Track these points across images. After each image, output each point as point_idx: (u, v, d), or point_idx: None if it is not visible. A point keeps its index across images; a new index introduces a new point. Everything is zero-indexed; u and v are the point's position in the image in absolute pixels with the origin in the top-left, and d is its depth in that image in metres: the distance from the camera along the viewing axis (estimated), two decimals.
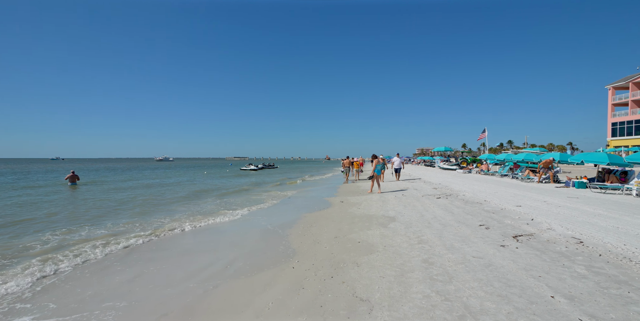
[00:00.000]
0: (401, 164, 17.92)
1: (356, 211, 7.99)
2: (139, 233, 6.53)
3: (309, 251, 4.73)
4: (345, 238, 5.33)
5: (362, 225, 6.29)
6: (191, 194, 14.52)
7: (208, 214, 8.78)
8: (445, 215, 6.88)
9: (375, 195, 11.06)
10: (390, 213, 7.51)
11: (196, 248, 5.43)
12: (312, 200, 11.00)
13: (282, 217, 7.93)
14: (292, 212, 8.65)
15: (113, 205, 10.85)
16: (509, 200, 8.73)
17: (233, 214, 8.69)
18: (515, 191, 10.94)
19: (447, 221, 6.22)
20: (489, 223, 5.94)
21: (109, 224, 7.61)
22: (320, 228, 6.24)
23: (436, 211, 7.39)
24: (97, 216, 8.80)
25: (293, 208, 9.46)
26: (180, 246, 5.58)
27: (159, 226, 7.28)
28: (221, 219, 8.03)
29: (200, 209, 9.80)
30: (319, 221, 7.06)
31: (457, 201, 8.91)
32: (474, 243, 4.66)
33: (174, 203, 11.36)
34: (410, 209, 7.92)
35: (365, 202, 9.60)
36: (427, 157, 46.43)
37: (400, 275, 3.51)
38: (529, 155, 18.65)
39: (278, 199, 11.62)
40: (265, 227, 6.68)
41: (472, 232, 5.31)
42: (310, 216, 7.73)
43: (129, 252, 5.26)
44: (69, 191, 15.95)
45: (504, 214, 6.79)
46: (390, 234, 5.43)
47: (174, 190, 16.36)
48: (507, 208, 7.51)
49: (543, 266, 3.61)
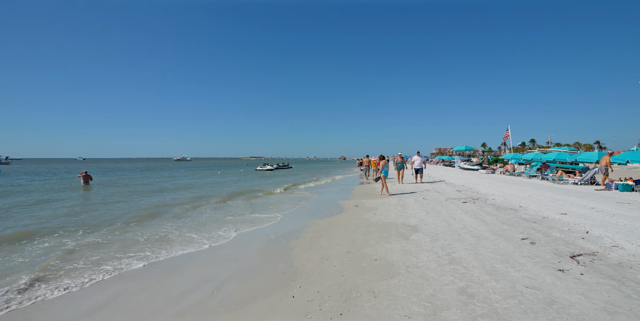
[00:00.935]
0: (422, 163, 15.18)
1: (372, 218, 7.12)
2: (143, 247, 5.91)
3: (314, 271, 3.92)
4: (359, 254, 4.48)
5: (380, 236, 5.42)
6: (195, 198, 14.02)
7: (207, 222, 8.12)
8: (476, 224, 5.90)
9: (393, 198, 10.12)
10: (412, 220, 6.59)
11: (186, 262, 4.72)
12: (324, 204, 10.18)
13: (289, 224, 7.15)
14: (302, 218, 7.86)
15: (116, 213, 10.42)
16: (549, 206, 7.61)
17: (235, 221, 8.00)
18: (551, 195, 9.74)
19: (481, 233, 5.26)
20: (533, 236, 4.94)
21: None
22: (331, 239, 5.42)
23: (465, 219, 6.42)
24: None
25: (303, 212, 8.68)
26: (171, 260, 4.89)
27: (154, 234, 6.66)
28: (222, 227, 7.34)
29: (197, 217, 9.17)
30: (330, 229, 6.24)
31: (487, 207, 7.87)
32: (521, 264, 3.71)
33: (175, 206, 10.84)
34: (434, 216, 6.97)
35: (382, 207, 8.69)
36: (446, 157, 44.67)
37: (432, 314, 2.65)
38: (560, 154, 17.13)
39: (287, 203, 10.88)
40: (268, 237, 5.92)
41: (515, 248, 4.34)
42: (320, 223, 6.92)
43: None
44: (80, 192, 15.83)
45: (548, 224, 5.75)
46: (413, 249, 4.54)
47: (177, 196, 15.93)
48: (549, 216, 6.43)
49: (632, 306, 2.65)
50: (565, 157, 16.47)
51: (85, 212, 9.39)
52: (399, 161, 14.57)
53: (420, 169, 15.05)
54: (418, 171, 15.09)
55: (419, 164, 15.13)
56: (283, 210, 9.21)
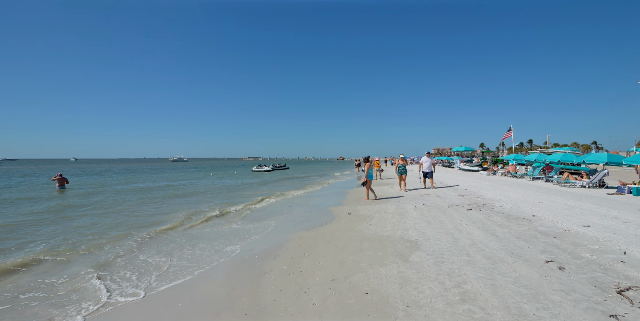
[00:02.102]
0: (432, 166, 12.79)
1: (366, 230, 6.23)
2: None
3: (286, 311, 3.02)
4: (346, 283, 3.59)
5: (373, 256, 4.53)
6: (169, 199, 13.08)
7: (166, 231, 7.21)
8: (487, 240, 5.02)
9: (390, 204, 9.23)
10: (411, 233, 5.71)
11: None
12: (314, 210, 9.27)
13: (271, 237, 6.25)
14: (287, 229, 6.96)
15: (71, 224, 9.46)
16: (565, 215, 6.74)
17: (202, 232, 7.09)
18: (563, 201, 8.88)
19: (495, 252, 4.38)
20: (560, 258, 4.07)
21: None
22: (315, 260, 4.53)
23: (473, 232, 5.54)
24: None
25: (289, 222, 7.77)
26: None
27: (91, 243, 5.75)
28: (184, 239, 6.43)
29: (158, 221, 8.25)
30: (317, 245, 5.34)
31: (495, 215, 7.00)
32: (556, 304, 2.84)
33: (141, 214, 9.91)
34: (437, 227, 6.09)
35: (378, 215, 7.81)
36: (445, 158, 43.91)
37: None
38: (566, 155, 16.32)
39: (273, 208, 9.97)
40: (241, 256, 5.00)
41: (542, 276, 3.47)
42: (307, 237, 6.01)
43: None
44: (46, 199, 14.87)
45: (572, 240, 4.88)
46: (413, 276, 3.66)
47: (150, 197, 14.99)
48: (570, 228, 5.57)
49: None
50: (572, 159, 15.66)
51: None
52: (401, 164, 12.52)
53: (430, 173, 12.77)
54: (427, 175, 12.86)
55: (429, 166, 12.79)
56: (266, 218, 8.31)
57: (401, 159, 12.72)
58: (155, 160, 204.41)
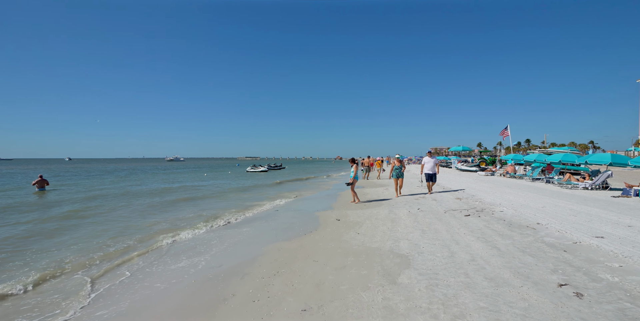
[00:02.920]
0: (436, 167, 11.13)
1: (353, 240, 5.58)
2: None
3: None
4: (319, 315, 2.94)
5: (357, 275, 3.88)
6: (158, 202, 12.39)
7: (134, 247, 6.53)
8: (488, 254, 4.39)
9: (382, 209, 8.60)
10: (403, 245, 5.06)
11: None
12: (300, 216, 8.59)
13: (243, 248, 5.57)
14: (265, 237, 6.30)
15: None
16: (573, 222, 6.13)
17: (170, 242, 6.41)
18: (568, 205, 8.28)
19: (498, 272, 3.74)
20: (575, 279, 3.44)
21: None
22: (289, 280, 3.87)
23: (472, 244, 4.90)
24: None
25: (270, 229, 7.10)
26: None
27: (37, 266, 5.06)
28: (147, 251, 5.76)
29: (129, 229, 7.57)
30: (295, 260, 4.69)
31: (496, 223, 6.37)
32: None
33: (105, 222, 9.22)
34: (432, 237, 5.45)
35: (368, 221, 7.17)
36: (443, 157, 43.42)
37: None
38: (567, 156, 15.73)
39: (256, 212, 9.30)
40: (204, 274, 4.33)
41: (557, 308, 2.83)
42: (285, 249, 5.36)
43: None
44: (18, 203, 14.13)
45: (587, 255, 4.25)
46: (401, 306, 3.01)
47: (123, 205, 14.27)
48: (581, 240, 4.94)
49: None
50: (574, 159, 15.08)
51: None
52: (397, 166, 10.79)
53: (434, 176, 11.11)
54: (430, 178, 11.13)
55: (432, 167, 11.05)
56: (245, 224, 7.63)
57: (396, 160, 10.93)
58: (151, 160, 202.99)
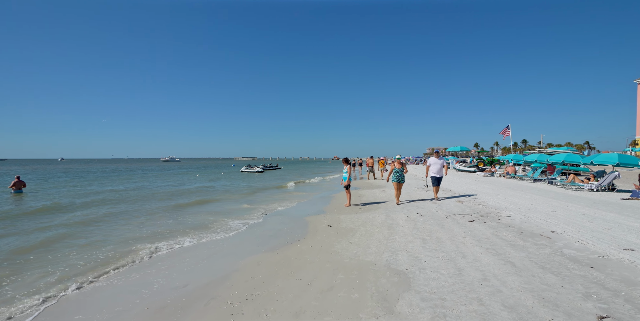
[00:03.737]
0: (444, 169, 9.55)
1: (345, 252, 4.89)
2: None
3: None
4: None
5: (346, 300, 3.19)
6: (134, 209, 11.62)
7: (108, 261, 5.79)
8: (502, 271, 3.71)
9: (379, 213, 7.92)
10: (401, 258, 4.38)
11: None
12: (288, 221, 7.88)
13: (217, 262, 4.85)
14: (245, 247, 5.59)
15: None
16: (592, 231, 5.48)
17: (138, 257, 5.68)
18: (579, 209, 7.65)
19: (518, 296, 3.06)
20: (616, 309, 2.76)
21: None
22: (263, 307, 3.16)
23: (481, 258, 4.22)
24: None
25: (252, 237, 6.38)
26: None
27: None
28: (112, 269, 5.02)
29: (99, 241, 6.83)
30: (274, 278, 3.98)
31: (504, 230, 5.71)
32: None
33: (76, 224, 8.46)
34: (434, 248, 4.77)
35: (362, 228, 6.48)
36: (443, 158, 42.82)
37: None
38: (571, 156, 15.16)
39: (244, 218, 8.57)
40: (163, 296, 3.59)
41: None
42: (266, 262, 4.65)
43: None
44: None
45: (620, 272, 3.58)
46: None
47: (99, 216, 13.45)
48: (608, 253, 4.28)
49: None
50: (577, 159, 14.50)
51: None
52: (397, 169, 9.07)
53: (440, 179, 9.54)
54: (436, 182, 9.52)
55: (439, 170, 9.48)
56: (225, 230, 6.91)
57: (397, 162, 9.19)
58: (147, 160, 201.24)
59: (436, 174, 9.55)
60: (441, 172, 9.53)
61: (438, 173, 9.54)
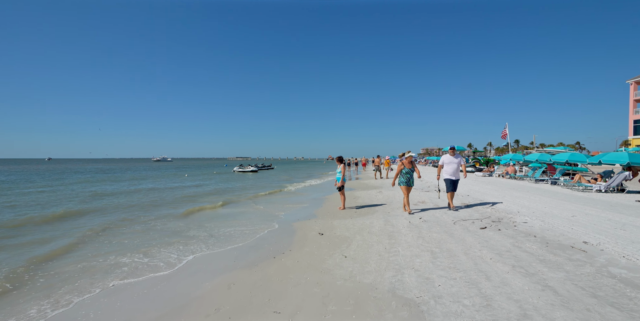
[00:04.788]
0: (460, 170, 7.62)
1: (338, 269, 3.97)
2: None
3: None
4: None
5: None
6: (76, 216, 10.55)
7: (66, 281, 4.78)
8: (543, 302, 2.83)
9: (377, 219, 7.02)
10: (408, 280, 3.47)
11: None
12: (272, 227, 6.95)
13: (180, 283, 3.88)
14: (219, 261, 4.63)
15: None
16: (633, 241, 4.65)
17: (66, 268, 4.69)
18: (599, 212, 6.87)
19: None
20: None
21: None
22: None
23: (509, 280, 3.34)
24: None
25: (230, 247, 5.43)
26: None
27: None
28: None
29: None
30: (247, 309, 3.05)
31: (526, 240, 4.85)
32: None
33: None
34: (447, 264, 3.88)
35: (359, 236, 5.57)
36: (436, 158, 42.32)
37: None
38: (575, 155, 14.50)
39: (221, 221, 7.60)
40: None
41: None
42: (239, 284, 3.70)
43: None
44: None
45: None
46: None
47: (39, 218, 12.33)
48: None
49: None
50: (583, 159, 13.83)
51: None
52: (406, 169, 7.42)
53: (456, 182, 7.59)
54: (452, 186, 7.55)
55: (455, 171, 7.54)
56: (201, 239, 5.94)
57: (406, 161, 7.44)
58: (139, 160, 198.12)
59: (451, 176, 7.54)
60: (458, 173, 7.59)
61: (453, 175, 7.55)
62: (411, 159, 7.41)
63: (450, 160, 7.59)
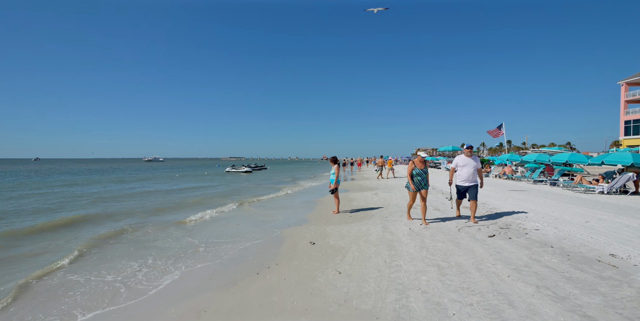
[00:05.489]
0: (478, 174, 6.22)
1: (331, 291, 3.35)
2: None
3: None
4: None
5: None
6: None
7: None
8: None
9: (374, 225, 6.43)
10: (415, 307, 2.87)
11: None
12: (260, 234, 6.25)
13: (139, 308, 3.24)
14: (191, 279, 3.97)
15: None
16: None
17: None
18: (615, 218, 6.38)
19: None
20: None
21: None
22: None
23: (541, 309, 2.75)
24: None
25: (208, 260, 4.78)
26: None
27: None
28: None
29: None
30: None
31: (544, 252, 4.30)
32: None
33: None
34: (458, 283, 3.30)
35: (355, 246, 4.97)
36: (430, 158, 42.00)
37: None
38: (575, 155, 14.10)
39: (203, 228, 6.93)
40: None
41: None
42: (210, 312, 3.06)
43: None
44: None
45: None
46: None
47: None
48: None
49: None
50: (583, 159, 13.44)
51: None
52: (418, 170, 6.15)
53: (474, 189, 6.16)
54: (467, 193, 6.25)
55: (472, 175, 6.18)
56: (177, 252, 5.27)
57: (418, 161, 6.19)
58: (130, 160, 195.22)
59: (466, 183, 6.13)
60: (474, 178, 6.14)
61: (469, 180, 6.12)
62: (423, 159, 6.22)
63: (465, 162, 6.25)
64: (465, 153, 6.36)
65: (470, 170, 6.18)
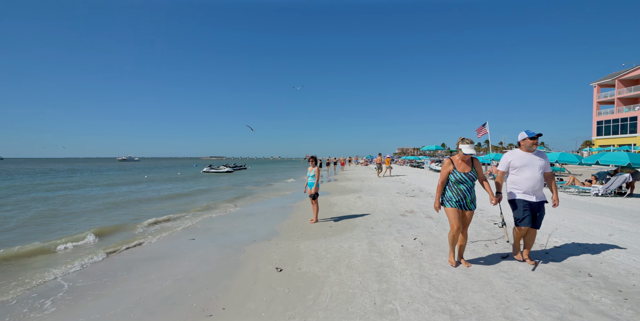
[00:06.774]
0: (547, 182, 3.75)
1: None
2: None
3: None
4: None
5: None
6: None
7: None
8: None
9: (357, 239, 5.23)
10: None
11: None
12: (214, 255, 4.87)
13: None
14: None
15: None
16: None
17: None
18: (635, 229, 5.49)
19: None
20: None
21: None
22: None
23: None
24: None
25: (129, 299, 3.40)
26: None
27: None
28: None
29: None
30: None
31: (585, 285, 3.22)
32: None
33: None
34: None
35: (333, 274, 3.74)
36: (413, 157, 41.55)
37: None
38: (565, 155, 13.53)
39: (137, 245, 5.52)
40: None
41: None
42: None
43: None
44: None
45: None
46: None
47: None
48: None
49: None
50: (574, 159, 12.86)
51: None
52: (460, 175, 3.56)
53: (542, 209, 3.70)
54: (535, 215, 3.66)
55: (538, 184, 3.62)
56: (83, 286, 3.88)
57: (459, 159, 3.63)
58: (103, 160, 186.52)
59: (530, 195, 3.65)
60: (540, 189, 3.66)
61: (534, 191, 3.65)
62: (469, 157, 3.64)
63: (526, 161, 3.67)
64: (526, 144, 3.69)
65: (537, 175, 3.62)
